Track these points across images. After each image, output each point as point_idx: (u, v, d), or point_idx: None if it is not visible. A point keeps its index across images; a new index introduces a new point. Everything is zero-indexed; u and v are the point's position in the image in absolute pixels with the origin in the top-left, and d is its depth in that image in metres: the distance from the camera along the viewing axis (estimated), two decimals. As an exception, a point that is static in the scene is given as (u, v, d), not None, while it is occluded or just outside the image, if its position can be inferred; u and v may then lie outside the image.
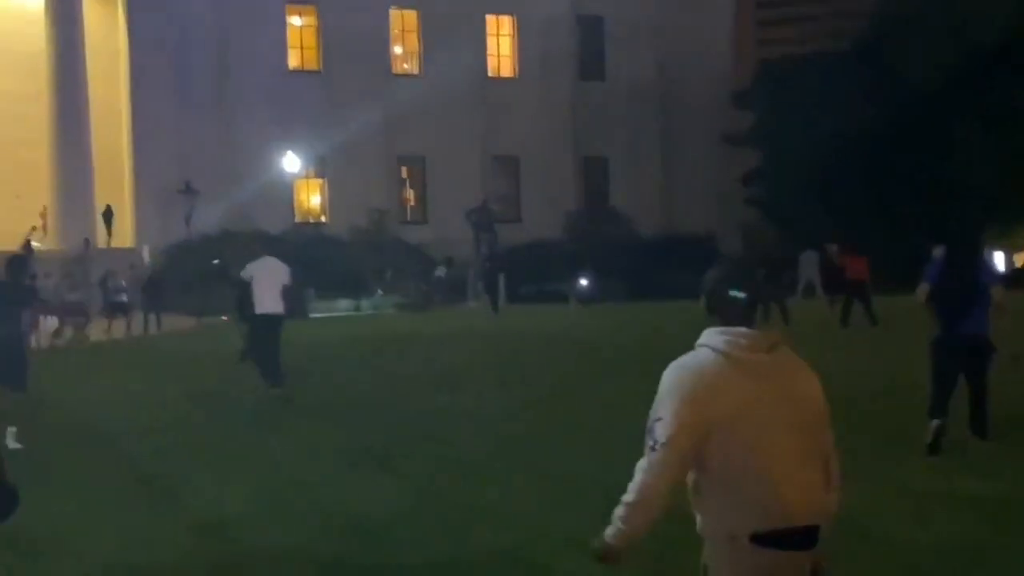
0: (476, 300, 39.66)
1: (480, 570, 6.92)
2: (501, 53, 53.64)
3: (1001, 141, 42.52)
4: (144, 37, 45.02)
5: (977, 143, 42.51)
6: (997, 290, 10.07)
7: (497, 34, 53.38)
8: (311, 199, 49.99)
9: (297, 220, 47.55)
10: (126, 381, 17.75)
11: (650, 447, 3.47)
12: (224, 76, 46.44)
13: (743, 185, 52.75)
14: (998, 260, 44.96)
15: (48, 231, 43.48)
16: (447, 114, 49.28)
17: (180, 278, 36.61)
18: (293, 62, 49.23)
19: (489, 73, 52.81)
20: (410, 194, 52.11)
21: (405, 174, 51.72)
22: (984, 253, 10.67)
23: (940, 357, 10.00)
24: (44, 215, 43.36)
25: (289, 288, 14.92)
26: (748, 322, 3.59)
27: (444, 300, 39.43)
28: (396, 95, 47.74)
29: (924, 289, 10.24)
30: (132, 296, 30.30)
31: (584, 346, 21.15)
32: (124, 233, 44.62)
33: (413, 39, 51.38)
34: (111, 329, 28.25)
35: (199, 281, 35.73)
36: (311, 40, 49.62)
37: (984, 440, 10.11)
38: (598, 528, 3.64)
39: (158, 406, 14.63)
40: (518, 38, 53.28)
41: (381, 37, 50.30)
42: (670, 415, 3.44)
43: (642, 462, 3.49)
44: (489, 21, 52.74)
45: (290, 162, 45.05)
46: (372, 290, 39.77)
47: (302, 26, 49.50)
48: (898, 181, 44.07)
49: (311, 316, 34.83)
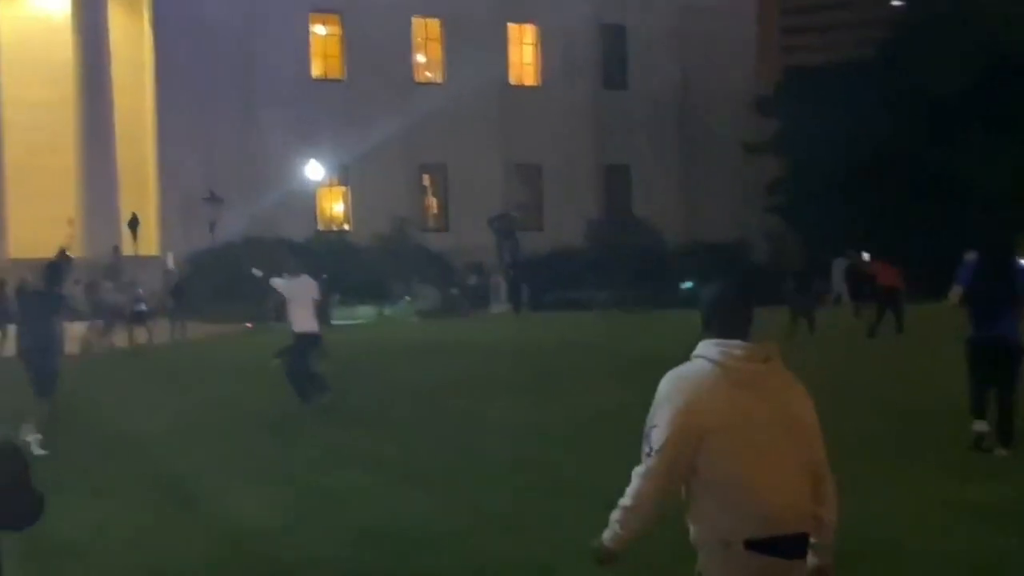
0: (499, 307, 39.69)
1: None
2: (524, 61, 53.68)
3: (1026, 148, 42.24)
4: (169, 46, 45.27)
5: (1001, 150, 42.22)
6: None
7: (520, 42, 53.43)
8: (334, 207, 50.12)
9: (320, 228, 47.68)
10: (151, 388, 17.83)
11: (646, 453, 3.60)
12: (248, 84, 46.65)
13: (766, 193, 52.57)
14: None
15: (73, 239, 43.69)
16: (469, 122, 49.34)
17: (205, 285, 36.75)
18: (316, 71, 49.40)
19: (511, 81, 52.85)
20: (432, 202, 52.18)
21: (427, 182, 51.80)
22: (1016, 258, 10.76)
23: (974, 357, 10.24)
24: (71, 224, 43.52)
25: (321, 303, 14.91)
26: (743, 335, 3.66)
27: (469, 307, 39.49)
28: (418, 103, 47.82)
29: (957, 292, 10.37)
30: (154, 304, 30.39)
31: (605, 354, 21.11)
32: (149, 241, 44.84)
33: (436, 47, 51.47)
34: (133, 337, 28.34)
35: (224, 289, 35.86)
36: (335, 49, 49.78)
37: (1007, 449, 10.07)
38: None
39: (183, 413, 14.68)
40: (541, 46, 53.30)
41: (404, 46, 50.41)
42: (665, 422, 3.56)
43: (639, 468, 3.61)
44: (512, 29, 52.79)
45: (313, 170, 45.19)
46: (398, 296, 39.81)
47: (326, 35, 49.68)
48: (922, 188, 43.81)
49: (333, 323, 34.90)
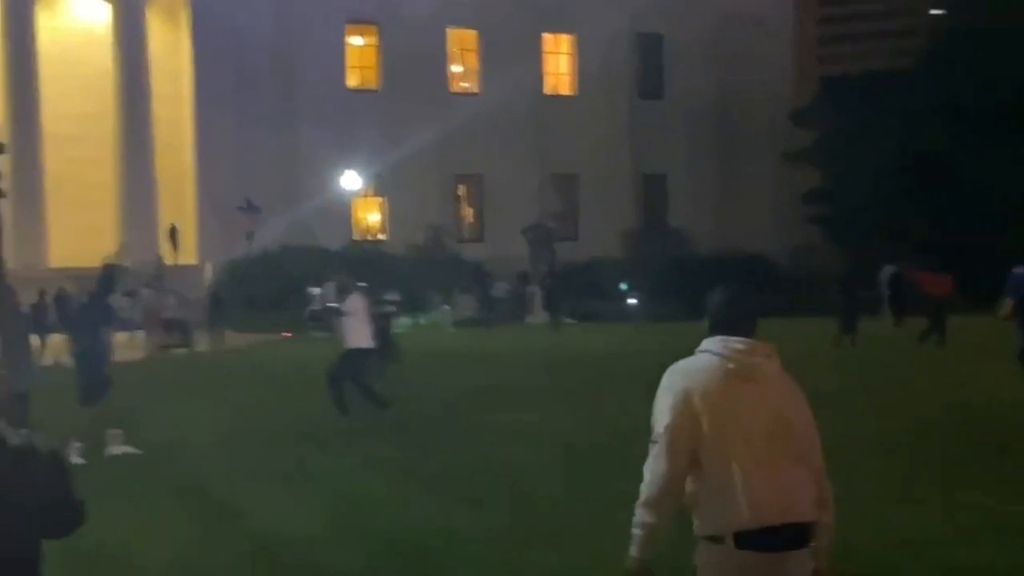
0: (535, 318, 39.65)
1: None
2: (559, 71, 53.70)
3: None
4: (207, 57, 45.66)
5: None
6: None
7: (556, 52, 53.46)
8: (369, 217, 50.31)
9: (356, 237, 47.87)
10: (189, 396, 17.91)
11: (652, 442, 3.72)
12: (286, 95, 46.96)
13: (803, 204, 52.25)
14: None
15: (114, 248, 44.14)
16: (505, 132, 49.41)
17: (242, 294, 36.98)
18: (353, 81, 49.65)
19: (547, 91, 52.89)
20: (468, 212, 52.26)
21: (462, 192, 51.90)
22: None
23: None
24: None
25: (376, 317, 14.96)
26: (746, 335, 3.82)
27: (507, 317, 39.50)
28: (454, 114, 47.95)
29: (1008, 304, 10.36)
30: (191, 313, 30.58)
31: (640, 364, 20.98)
32: (187, 250, 45.19)
33: (472, 57, 51.61)
34: (167, 344, 28.53)
35: (261, 297, 36.06)
36: (371, 59, 50.02)
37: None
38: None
39: (220, 422, 14.72)
40: (577, 56, 53.30)
41: (440, 56, 50.59)
42: (667, 408, 3.70)
43: (648, 460, 3.73)
44: (547, 39, 52.83)
45: (349, 180, 45.39)
46: (434, 306, 39.88)
47: (363, 45, 49.94)
48: (963, 199, 43.36)
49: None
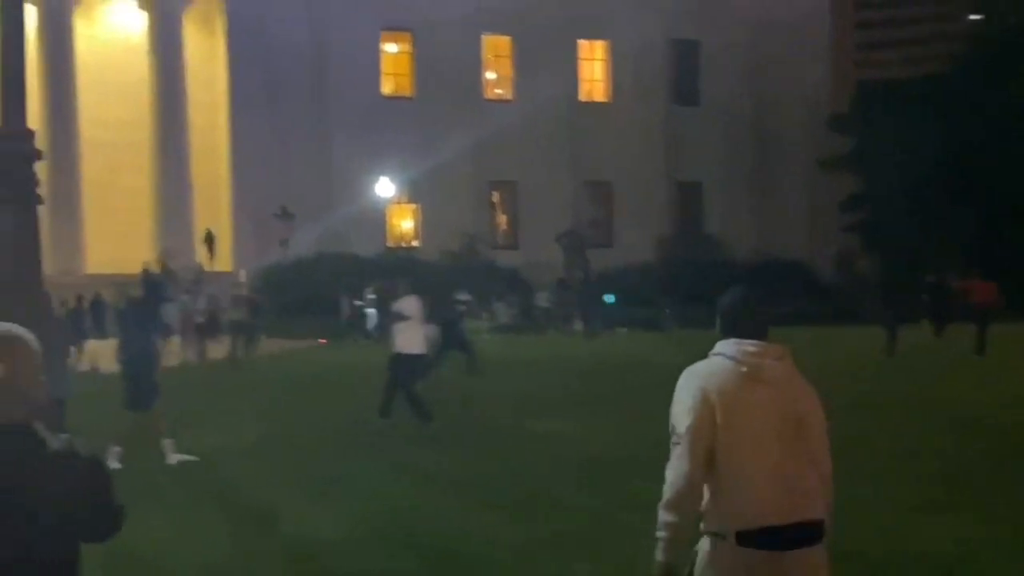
0: (569, 325, 39.58)
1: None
2: (594, 78, 53.68)
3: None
4: (243, 64, 45.99)
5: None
6: None
7: (590, 59, 53.43)
8: (403, 224, 50.46)
9: (390, 244, 48.01)
10: (225, 403, 17.96)
11: (674, 443, 3.79)
12: (320, 102, 47.21)
13: (840, 211, 51.92)
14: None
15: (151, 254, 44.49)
16: (539, 139, 49.43)
17: (276, 301, 37.15)
18: (387, 88, 49.84)
19: (581, 98, 52.87)
20: (501, 219, 52.31)
21: (496, 199, 51.95)
22: None
23: None
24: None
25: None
26: (758, 337, 3.91)
27: (548, 324, 39.50)
28: (488, 120, 48.03)
29: None
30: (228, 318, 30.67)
31: (675, 372, 20.86)
32: (222, 256, 45.48)
33: (506, 64, 51.68)
34: (206, 352, 28.63)
35: (295, 304, 36.21)
36: (405, 67, 50.20)
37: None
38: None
39: (256, 428, 14.74)
40: (611, 62, 53.25)
41: (474, 63, 50.70)
42: (687, 409, 3.77)
43: (670, 461, 3.79)
44: (582, 46, 52.83)
45: (383, 187, 45.54)
46: (477, 313, 39.95)
47: (397, 53, 50.12)
48: (1004, 205, 42.92)
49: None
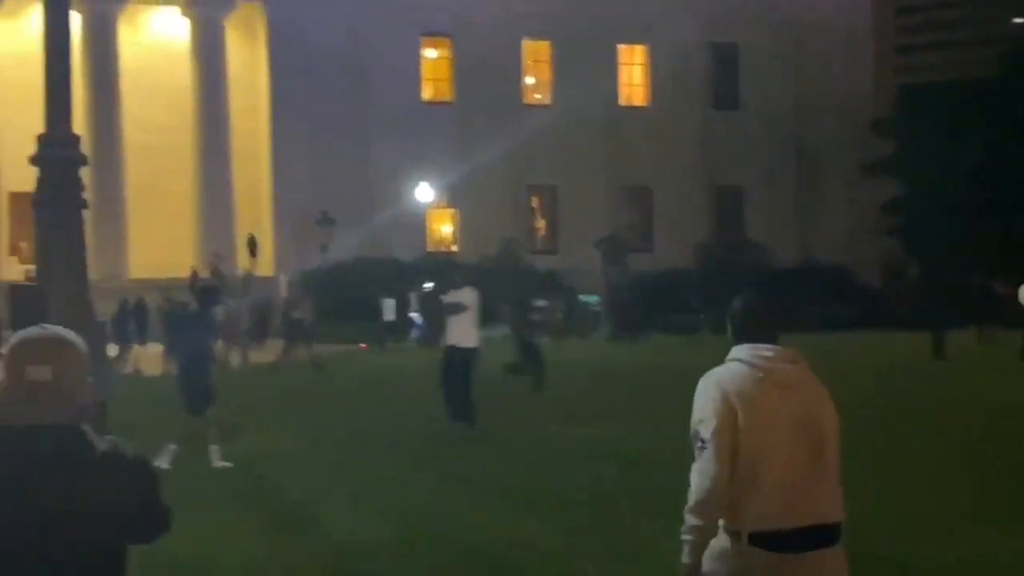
0: (606, 330, 39.48)
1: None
2: (633, 82, 53.55)
3: None
4: (284, 70, 46.32)
5: None
6: None
7: (630, 63, 53.32)
8: (443, 228, 50.57)
9: (429, 249, 48.12)
10: (268, 407, 18.06)
11: (699, 448, 3.82)
12: (360, 108, 47.43)
13: (882, 215, 51.45)
14: None
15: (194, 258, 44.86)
16: (578, 143, 49.36)
17: (316, 306, 37.26)
18: (427, 94, 50.00)
19: (621, 102, 52.76)
20: (540, 223, 52.29)
21: (535, 203, 51.94)
22: None
23: None
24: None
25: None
26: (771, 340, 3.97)
27: (592, 328, 39.45)
28: (527, 125, 48.04)
29: None
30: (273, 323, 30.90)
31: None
32: (263, 261, 45.78)
33: (545, 69, 51.68)
34: (249, 356, 28.82)
35: (335, 309, 36.34)
36: (445, 72, 50.34)
37: None
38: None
39: (298, 432, 14.81)
40: (650, 66, 53.10)
41: (513, 68, 50.74)
42: (710, 414, 3.81)
43: (695, 465, 3.82)
44: (621, 51, 52.71)
45: (423, 192, 45.65)
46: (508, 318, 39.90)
47: (436, 58, 50.28)
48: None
49: (441, 345, 35.04)
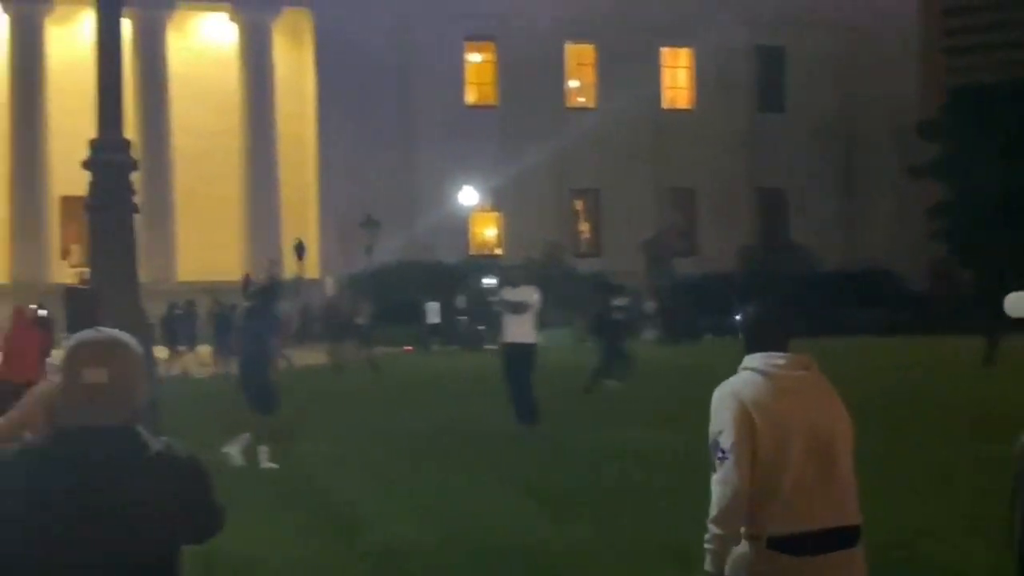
0: (651, 333, 39.33)
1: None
2: (677, 85, 53.37)
3: None
4: (330, 75, 46.65)
5: None
6: None
7: (674, 66, 53.14)
8: (486, 231, 50.66)
9: (472, 252, 48.22)
10: (314, 408, 18.17)
11: (719, 458, 3.88)
12: (405, 112, 47.66)
13: (929, 218, 50.87)
14: None
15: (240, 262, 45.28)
16: (622, 146, 49.26)
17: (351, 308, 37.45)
18: (471, 97, 50.13)
19: (665, 105, 52.60)
20: (584, 226, 52.24)
21: (579, 206, 51.90)
22: None
23: None
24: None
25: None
26: (783, 348, 4.06)
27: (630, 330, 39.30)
28: (570, 128, 48.01)
29: None
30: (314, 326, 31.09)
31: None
32: (310, 264, 46.11)
33: (589, 72, 51.64)
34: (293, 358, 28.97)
35: (380, 311, 36.45)
36: (488, 75, 50.46)
37: None
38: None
39: (344, 434, 14.90)
40: (695, 69, 52.90)
41: (557, 71, 50.75)
42: (728, 425, 3.88)
43: (715, 476, 3.89)
44: (665, 53, 52.57)
45: (467, 195, 45.75)
46: (554, 321, 39.91)
47: (480, 62, 50.40)
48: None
49: (485, 347, 35.15)
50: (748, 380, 3.99)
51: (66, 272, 40.07)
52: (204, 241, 44.94)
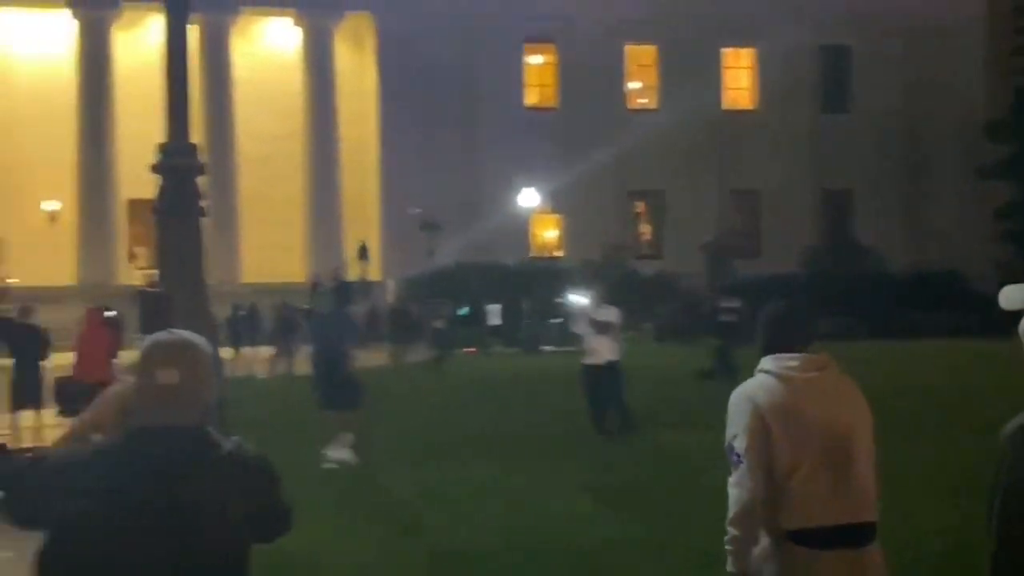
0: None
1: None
2: (739, 85, 52.94)
3: None
4: (392, 79, 46.92)
5: None
6: None
7: (736, 66, 52.73)
8: (546, 233, 50.63)
9: (533, 254, 48.20)
10: (377, 408, 18.26)
11: (735, 462, 4.03)
12: (466, 114, 47.78)
13: (996, 219, 49.94)
14: None
15: (302, 264, 45.72)
16: (683, 148, 48.97)
17: (422, 310, 37.62)
18: (531, 100, 50.15)
19: (726, 106, 52.20)
20: (645, 228, 52.03)
21: (640, 208, 51.70)
22: None
23: None
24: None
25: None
26: (800, 348, 4.13)
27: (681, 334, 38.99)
28: (631, 130, 47.82)
29: None
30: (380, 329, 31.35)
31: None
32: (371, 266, 46.38)
33: (650, 74, 51.41)
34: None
35: (442, 314, 36.58)
36: (549, 78, 50.44)
37: None
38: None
39: (406, 435, 14.97)
40: (757, 70, 52.44)
41: (617, 72, 50.60)
42: (743, 429, 4.01)
43: (731, 478, 4.04)
44: (727, 54, 52.17)
45: (527, 197, 45.76)
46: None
47: (540, 64, 50.41)
48: None
49: (542, 349, 35.19)
50: (762, 382, 4.09)
51: (133, 274, 40.69)
52: (267, 243, 45.41)
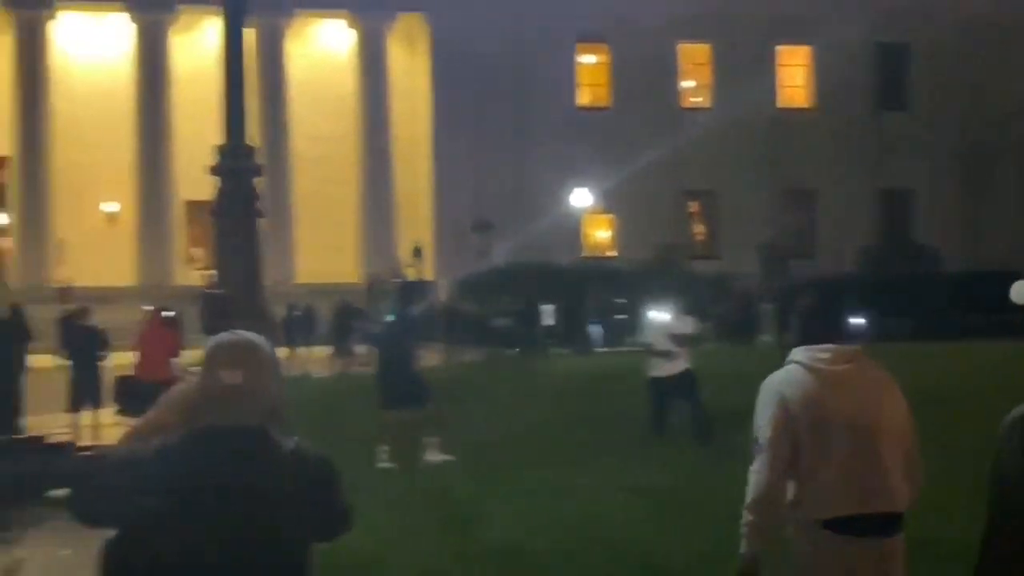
0: (768, 337, 38.71)
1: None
2: (795, 84, 52.45)
3: None
4: (445, 79, 47.06)
5: None
6: None
7: (791, 64, 52.27)
8: (599, 233, 50.51)
9: (585, 254, 48.12)
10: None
11: (756, 450, 4.11)
12: (518, 114, 47.80)
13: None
14: None
15: (355, 266, 46.03)
16: (738, 147, 48.59)
17: (481, 310, 37.72)
18: (584, 99, 50.06)
19: (782, 104, 51.75)
20: (699, 228, 51.73)
21: (694, 208, 51.43)
22: None
23: None
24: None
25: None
26: (832, 340, 4.21)
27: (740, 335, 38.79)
28: (685, 129, 47.58)
29: None
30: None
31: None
32: (425, 266, 46.53)
33: (704, 72, 51.11)
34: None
35: (497, 314, 36.66)
36: (602, 77, 50.32)
37: None
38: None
39: (464, 436, 14.98)
40: (813, 68, 51.95)
41: (670, 71, 50.36)
42: (768, 420, 4.08)
43: (753, 465, 4.11)
44: (782, 52, 51.70)
45: (580, 197, 45.67)
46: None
47: (593, 63, 50.32)
48: None
49: (596, 350, 35.06)
50: (791, 373, 4.18)
51: (191, 275, 41.17)
52: (321, 243, 45.74)
